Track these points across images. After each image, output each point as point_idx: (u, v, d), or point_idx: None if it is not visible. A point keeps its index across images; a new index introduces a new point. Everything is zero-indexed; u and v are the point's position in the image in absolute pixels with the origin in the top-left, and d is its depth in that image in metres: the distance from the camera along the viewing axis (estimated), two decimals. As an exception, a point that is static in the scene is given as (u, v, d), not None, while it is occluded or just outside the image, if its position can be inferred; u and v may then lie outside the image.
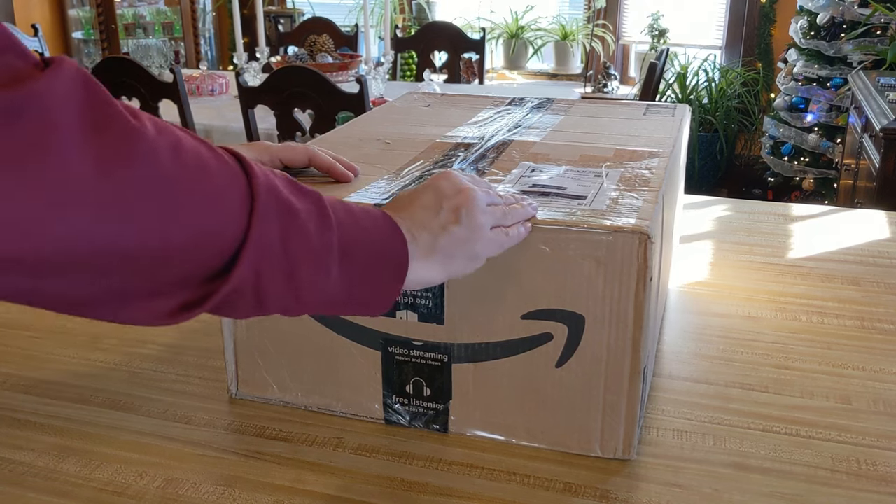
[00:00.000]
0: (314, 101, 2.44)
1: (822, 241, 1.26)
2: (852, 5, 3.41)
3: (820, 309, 1.03)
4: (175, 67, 2.59)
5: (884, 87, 2.74)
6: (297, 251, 0.51)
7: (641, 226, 0.66)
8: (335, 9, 5.16)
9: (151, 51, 4.11)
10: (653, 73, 3.11)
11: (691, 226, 1.33)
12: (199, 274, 0.47)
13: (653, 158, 0.87)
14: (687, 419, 0.79)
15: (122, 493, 0.69)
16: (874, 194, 2.44)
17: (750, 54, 4.45)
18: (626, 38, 4.91)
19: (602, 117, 1.08)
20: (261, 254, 0.48)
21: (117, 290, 0.45)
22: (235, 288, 0.48)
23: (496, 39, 5.06)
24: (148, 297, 0.46)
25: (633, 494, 0.69)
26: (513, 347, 0.72)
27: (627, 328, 0.68)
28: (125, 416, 0.80)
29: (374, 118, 1.07)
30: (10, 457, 0.74)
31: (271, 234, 0.49)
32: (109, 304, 0.46)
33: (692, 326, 0.98)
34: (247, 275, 0.48)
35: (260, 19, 3.08)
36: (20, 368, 0.89)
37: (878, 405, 0.81)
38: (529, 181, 0.79)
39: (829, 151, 3.60)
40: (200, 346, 0.93)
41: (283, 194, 0.51)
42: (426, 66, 3.82)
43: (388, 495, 0.69)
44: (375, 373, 0.77)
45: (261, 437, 0.77)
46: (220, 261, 0.47)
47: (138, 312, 0.46)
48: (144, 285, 0.45)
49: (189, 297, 0.47)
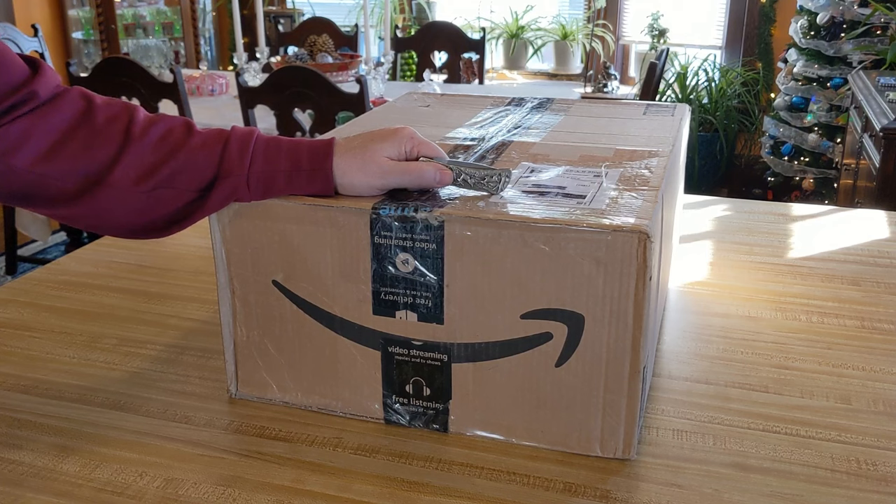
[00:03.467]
0: (314, 101, 2.44)
1: (822, 241, 1.26)
2: (852, 5, 3.41)
3: (820, 309, 1.03)
4: (175, 67, 2.59)
5: (884, 87, 2.74)
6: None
7: (641, 225, 0.66)
8: (335, 9, 5.16)
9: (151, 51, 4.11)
10: (653, 73, 3.11)
11: (691, 226, 1.33)
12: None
13: (652, 158, 0.87)
14: (687, 419, 0.79)
15: (122, 493, 0.69)
16: (874, 194, 2.44)
17: (750, 54, 4.45)
18: (626, 38, 4.91)
19: (602, 117, 1.08)
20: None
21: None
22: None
23: (496, 39, 5.06)
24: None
25: (633, 494, 0.69)
26: (512, 347, 0.72)
27: (627, 328, 0.68)
28: (125, 416, 0.80)
29: (374, 118, 1.07)
30: (10, 457, 0.74)
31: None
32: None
33: (692, 326, 0.98)
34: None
35: (260, 19, 3.08)
36: (20, 368, 0.89)
37: (878, 405, 0.81)
38: (529, 181, 0.79)
39: (829, 151, 3.60)
40: (200, 346, 0.93)
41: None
42: (426, 66, 3.82)
43: (388, 495, 0.69)
44: (375, 373, 0.77)
45: (261, 437, 0.77)
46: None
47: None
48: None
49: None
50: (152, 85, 2.62)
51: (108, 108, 0.75)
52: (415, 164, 0.75)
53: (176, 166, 0.73)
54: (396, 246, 0.72)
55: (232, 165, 0.74)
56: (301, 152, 0.75)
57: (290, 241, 0.75)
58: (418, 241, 0.71)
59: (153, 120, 0.75)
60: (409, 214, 0.71)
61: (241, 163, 0.74)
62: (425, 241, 0.71)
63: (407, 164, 0.75)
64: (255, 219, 0.76)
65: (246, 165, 0.73)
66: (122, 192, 0.73)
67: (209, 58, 5.19)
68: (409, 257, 0.72)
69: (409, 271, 0.72)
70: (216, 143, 0.74)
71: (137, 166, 0.73)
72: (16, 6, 4.21)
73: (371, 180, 0.74)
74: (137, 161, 0.73)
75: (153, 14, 4.84)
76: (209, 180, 0.74)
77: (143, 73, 2.62)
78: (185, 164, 0.73)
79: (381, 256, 0.73)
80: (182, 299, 1.05)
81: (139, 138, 0.73)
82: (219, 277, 0.80)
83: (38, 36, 3.53)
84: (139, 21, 4.78)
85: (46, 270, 1.15)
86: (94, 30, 4.56)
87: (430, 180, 0.75)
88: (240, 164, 0.73)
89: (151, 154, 0.73)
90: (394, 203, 0.72)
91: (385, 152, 0.74)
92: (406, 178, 0.74)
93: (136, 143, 0.73)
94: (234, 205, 0.76)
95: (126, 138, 0.73)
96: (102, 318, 1.01)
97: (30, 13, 4.32)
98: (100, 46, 4.54)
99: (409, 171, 0.74)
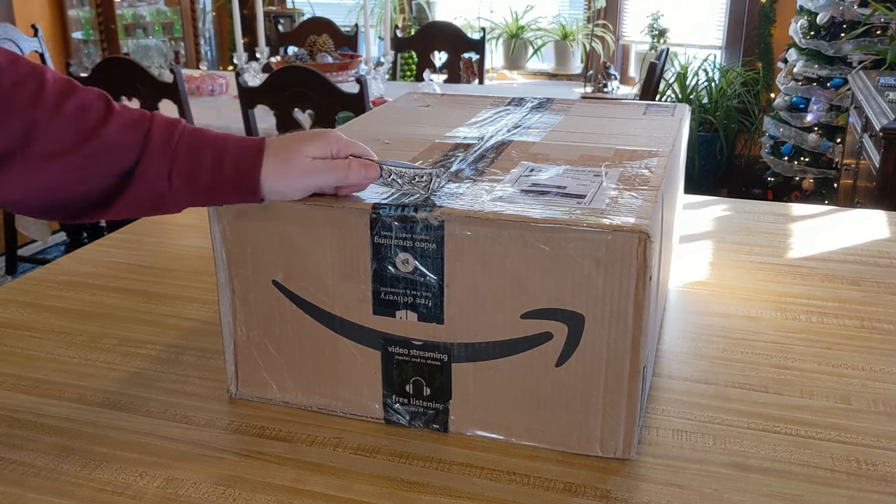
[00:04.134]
0: (314, 101, 2.44)
1: (822, 241, 1.26)
2: (852, 5, 3.41)
3: (820, 309, 1.03)
4: (175, 67, 2.59)
5: (884, 87, 2.74)
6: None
7: (641, 225, 0.66)
8: (335, 9, 5.16)
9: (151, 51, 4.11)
10: (653, 73, 3.11)
11: (691, 226, 1.33)
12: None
13: (652, 158, 0.87)
14: (687, 419, 0.79)
15: (122, 493, 0.69)
16: (874, 194, 2.44)
17: (750, 54, 4.45)
18: (626, 38, 4.91)
19: (602, 117, 1.08)
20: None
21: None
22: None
23: (496, 39, 5.06)
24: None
25: (633, 494, 0.69)
26: (512, 347, 0.72)
27: (627, 327, 0.68)
28: (125, 416, 0.80)
29: (374, 118, 1.07)
30: (10, 457, 0.74)
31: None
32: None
33: (692, 326, 0.98)
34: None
35: (260, 19, 3.08)
36: (20, 368, 0.89)
37: (878, 405, 0.81)
38: (529, 181, 0.79)
39: (829, 151, 3.60)
40: (200, 346, 0.93)
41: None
42: (426, 66, 3.82)
43: (388, 495, 0.69)
44: (375, 372, 0.77)
45: (261, 437, 0.77)
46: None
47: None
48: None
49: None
50: (152, 85, 2.62)
51: (14, 71, 0.68)
52: (340, 161, 0.73)
53: (93, 147, 0.69)
54: (396, 246, 0.72)
55: (152, 161, 0.70)
56: (226, 161, 0.71)
57: (290, 241, 0.75)
58: (418, 241, 0.71)
59: (66, 89, 0.70)
60: (409, 214, 0.71)
61: (162, 160, 0.70)
62: (425, 240, 0.71)
63: (333, 162, 0.73)
64: (255, 219, 0.76)
65: (167, 163, 0.71)
66: (31, 166, 0.67)
67: (209, 58, 5.19)
68: (409, 257, 0.72)
69: (409, 271, 0.72)
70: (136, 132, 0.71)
71: (50, 140, 0.68)
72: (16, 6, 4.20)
73: (295, 182, 0.72)
74: (50, 135, 0.68)
75: (153, 14, 4.84)
76: (129, 166, 0.70)
77: (143, 73, 2.62)
78: (102, 146, 0.69)
79: (381, 256, 0.73)
80: (182, 299, 1.05)
81: (53, 109, 0.68)
82: (219, 277, 0.80)
83: (38, 36, 3.53)
84: (139, 21, 4.78)
85: (46, 270, 1.15)
86: (94, 30, 4.56)
87: (357, 176, 0.73)
88: (161, 162, 0.70)
89: (66, 128, 0.68)
90: (394, 203, 0.72)
91: (309, 153, 0.73)
92: (332, 175, 0.73)
93: (48, 113, 0.68)
94: (234, 205, 0.76)
95: (36, 107, 0.67)
96: (102, 318, 1.01)
97: (30, 13, 4.32)
98: (100, 46, 4.54)
99: (335, 168, 0.73)
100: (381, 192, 0.75)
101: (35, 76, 0.69)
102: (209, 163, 0.71)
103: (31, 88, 0.68)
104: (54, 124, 0.68)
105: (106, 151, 0.70)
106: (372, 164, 0.74)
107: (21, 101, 0.67)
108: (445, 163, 0.85)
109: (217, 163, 0.71)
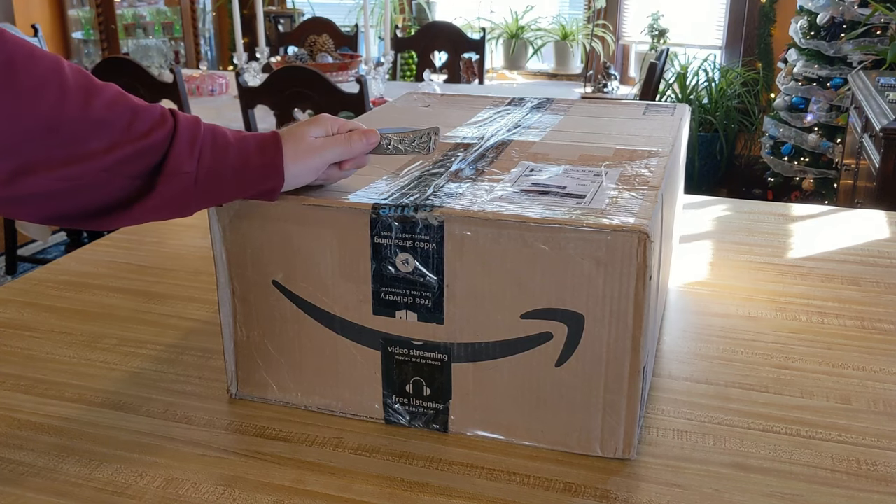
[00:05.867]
0: (314, 101, 2.44)
1: (822, 241, 1.26)
2: (852, 5, 3.41)
3: (820, 309, 1.03)
4: (175, 67, 2.59)
5: (884, 87, 2.74)
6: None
7: (641, 225, 0.66)
8: (335, 9, 5.16)
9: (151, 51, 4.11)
10: (653, 73, 3.11)
11: (691, 226, 1.33)
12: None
13: (652, 158, 0.87)
14: (687, 419, 0.79)
15: (122, 493, 0.69)
16: (874, 194, 2.44)
17: (750, 54, 4.45)
18: (626, 38, 4.90)
19: (602, 117, 1.08)
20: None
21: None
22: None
23: (496, 39, 5.06)
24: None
25: (633, 494, 0.69)
26: (512, 347, 0.72)
27: (627, 327, 0.68)
28: (125, 416, 0.80)
29: (374, 118, 1.07)
30: (10, 457, 0.74)
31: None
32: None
33: (692, 326, 0.98)
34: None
35: (260, 19, 3.08)
36: (20, 368, 0.89)
37: (878, 405, 0.81)
38: (529, 180, 0.79)
39: (829, 151, 3.60)
40: (200, 346, 0.93)
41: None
42: (426, 66, 3.82)
43: (388, 495, 0.69)
44: (375, 373, 0.77)
45: (261, 437, 0.77)
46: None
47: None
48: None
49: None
50: (152, 85, 2.62)
51: (34, 64, 0.62)
52: (342, 135, 0.77)
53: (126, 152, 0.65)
54: (396, 246, 0.72)
55: (182, 160, 0.68)
56: (250, 150, 0.72)
57: (290, 241, 0.75)
58: (418, 241, 0.71)
59: (90, 87, 0.65)
60: (409, 214, 0.71)
61: (191, 158, 0.69)
62: (425, 240, 0.71)
63: (335, 136, 0.77)
64: (255, 219, 0.76)
65: (195, 161, 0.69)
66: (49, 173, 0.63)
67: (209, 58, 5.19)
68: (409, 257, 0.72)
69: (409, 271, 0.72)
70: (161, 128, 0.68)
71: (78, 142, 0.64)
72: (16, 6, 4.21)
73: (308, 161, 0.74)
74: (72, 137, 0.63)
75: (153, 14, 4.84)
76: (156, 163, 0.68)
77: (143, 73, 2.62)
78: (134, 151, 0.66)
79: (381, 256, 0.73)
80: (182, 299, 1.05)
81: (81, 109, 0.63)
82: (219, 277, 0.80)
83: (38, 36, 3.53)
84: (139, 21, 4.78)
85: (46, 270, 1.15)
86: (94, 30, 4.56)
87: (360, 145, 0.76)
88: (189, 160, 0.68)
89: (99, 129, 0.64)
90: (394, 203, 0.72)
91: (313, 132, 0.75)
92: (338, 148, 0.75)
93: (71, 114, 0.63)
94: (235, 204, 0.76)
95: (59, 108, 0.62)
96: (102, 318, 1.01)
97: (30, 13, 4.32)
98: (100, 46, 4.54)
99: (339, 142, 0.76)
100: (381, 191, 0.75)
101: (57, 70, 0.64)
102: (234, 154, 0.71)
103: (54, 85, 0.63)
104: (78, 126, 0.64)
105: (139, 150, 0.66)
106: (371, 131, 0.78)
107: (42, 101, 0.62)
108: (445, 162, 0.85)
109: (242, 152, 0.72)
